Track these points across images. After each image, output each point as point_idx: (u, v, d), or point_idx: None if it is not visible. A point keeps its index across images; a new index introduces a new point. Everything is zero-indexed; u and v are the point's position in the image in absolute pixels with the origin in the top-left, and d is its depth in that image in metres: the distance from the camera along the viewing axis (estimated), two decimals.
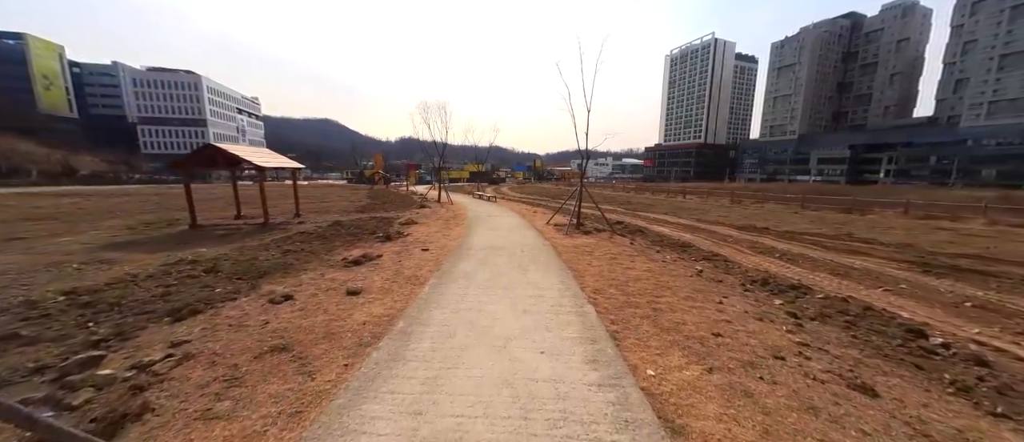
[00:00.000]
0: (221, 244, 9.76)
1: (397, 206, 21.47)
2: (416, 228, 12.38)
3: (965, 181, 71.24)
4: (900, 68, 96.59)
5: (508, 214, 17.19)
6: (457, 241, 9.81)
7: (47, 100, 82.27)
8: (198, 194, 15.30)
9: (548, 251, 8.70)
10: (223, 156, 12.24)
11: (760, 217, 18.88)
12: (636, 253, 8.85)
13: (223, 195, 27.93)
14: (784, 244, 11.11)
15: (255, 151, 13.83)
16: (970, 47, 78.94)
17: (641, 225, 14.57)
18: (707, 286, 6.19)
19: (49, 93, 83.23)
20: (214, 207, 19.63)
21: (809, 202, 25.58)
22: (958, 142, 77.21)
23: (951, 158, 77.42)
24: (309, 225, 13.16)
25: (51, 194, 28.27)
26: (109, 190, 35.24)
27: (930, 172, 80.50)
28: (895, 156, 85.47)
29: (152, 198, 25.70)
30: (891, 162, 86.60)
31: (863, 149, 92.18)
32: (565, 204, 15.15)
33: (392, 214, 16.73)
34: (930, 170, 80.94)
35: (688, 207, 25.09)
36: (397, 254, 8.14)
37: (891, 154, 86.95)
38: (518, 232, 11.54)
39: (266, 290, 5.54)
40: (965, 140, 76.30)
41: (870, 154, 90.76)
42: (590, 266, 7.33)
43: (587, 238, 10.69)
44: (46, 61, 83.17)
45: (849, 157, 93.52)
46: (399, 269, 6.85)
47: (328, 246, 9.10)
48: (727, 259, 8.63)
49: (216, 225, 13.48)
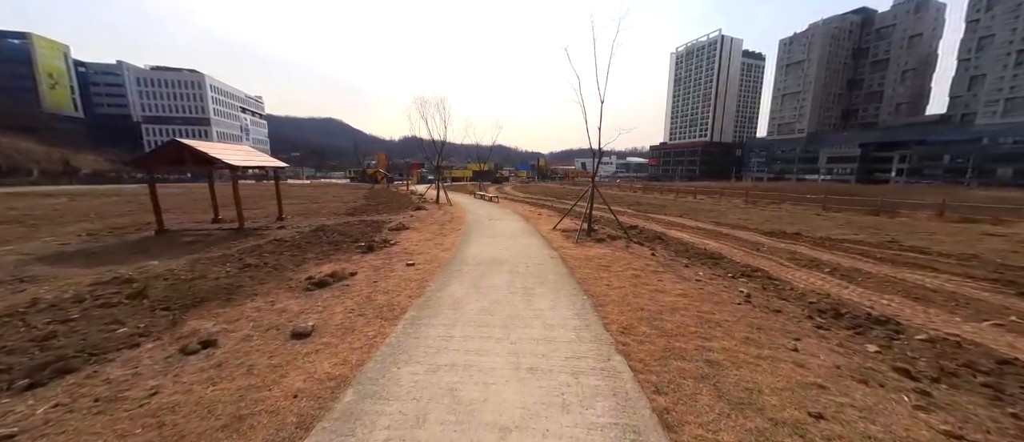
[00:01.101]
0: (179, 254, 8.45)
1: (392, 207, 20.13)
2: (406, 234, 11.02)
3: (980, 180, 69.31)
4: (912, 65, 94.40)
5: (510, 217, 15.81)
6: (450, 252, 8.44)
7: (52, 99, 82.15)
8: (194, 194, 14.09)
9: (557, 266, 7.31)
10: (191, 153, 10.92)
11: (784, 220, 17.40)
12: (661, 268, 7.45)
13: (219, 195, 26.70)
14: (826, 254, 9.67)
15: (228, 148, 12.51)
16: (986, 43, 76.81)
17: (657, 230, 13.16)
18: (765, 319, 4.79)
19: (54, 92, 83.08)
20: (198, 209, 18.36)
21: (830, 203, 24.04)
22: (973, 140, 75.11)
23: (966, 157, 75.40)
24: (289, 230, 11.84)
25: (39, 194, 27.16)
26: (104, 190, 34.06)
27: (944, 171, 78.42)
28: (908, 155, 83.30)
29: (142, 198, 24.49)
30: (903, 161, 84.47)
31: (874, 148, 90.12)
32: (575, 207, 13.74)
33: (384, 217, 15.39)
34: (944, 169, 78.85)
35: (702, 208, 23.61)
36: (375, 271, 6.77)
37: (903, 153, 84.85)
38: (521, 240, 10.16)
39: (188, 330, 4.18)
40: (980, 138, 74.21)
41: (881, 153, 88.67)
42: (610, 288, 5.94)
43: (601, 248, 9.29)
44: (51, 60, 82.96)
45: (859, 156, 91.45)
46: (372, 294, 5.48)
47: (298, 258, 7.75)
48: (770, 275, 7.22)
49: (187, 230, 12.19)
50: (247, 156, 12.99)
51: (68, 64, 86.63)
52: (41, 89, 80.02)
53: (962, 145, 76.52)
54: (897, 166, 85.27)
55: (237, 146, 13.71)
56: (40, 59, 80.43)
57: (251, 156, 13.17)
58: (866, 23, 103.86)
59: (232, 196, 11.75)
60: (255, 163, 12.96)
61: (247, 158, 12.65)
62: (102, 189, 34.56)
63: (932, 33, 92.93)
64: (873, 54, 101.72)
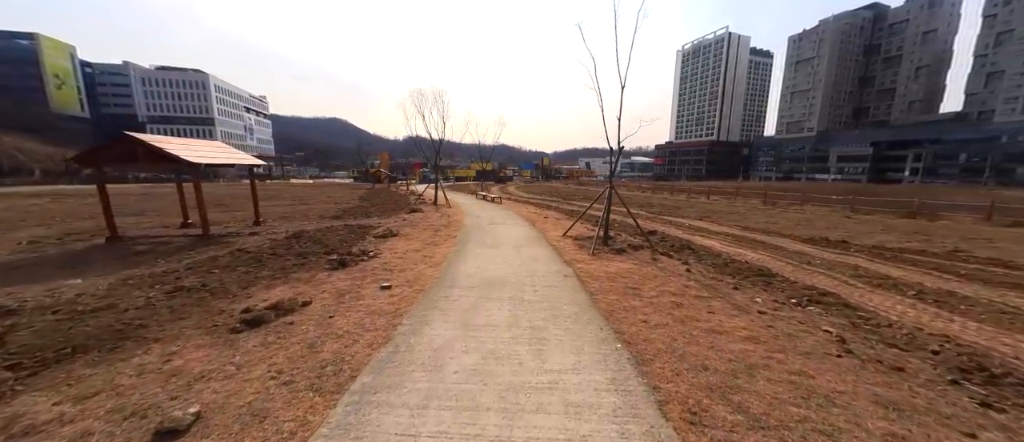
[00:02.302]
0: (114, 270, 6.96)
1: (386, 209, 18.61)
2: (393, 243, 9.47)
3: (998, 180, 67.16)
4: (926, 61, 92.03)
5: (514, 220, 14.24)
6: (439, 268, 6.87)
7: (58, 99, 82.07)
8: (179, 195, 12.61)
9: (574, 289, 5.74)
10: (145, 149, 9.41)
11: (815, 224, 15.73)
12: (704, 290, 5.86)
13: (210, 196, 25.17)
14: (894, 268, 8.04)
15: (194, 144, 11.02)
16: (1004, 38, 74.46)
17: (681, 237, 11.55)
18: (893, 388, 3.19)
19: (60, 93, 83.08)
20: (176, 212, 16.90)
21: (857, 204, 22.31)
22: (991, 139, 72.88)
23: (983, 156, 73.13)
24: (260, 238, 10.32)
25: (26, 194, 25.84)
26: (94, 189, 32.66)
27: (960, 170, 76.17)
28: (922, 154, 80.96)
29: (128, 199, 23.12)
30: (918, 160, 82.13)
31: (886, 146, 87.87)
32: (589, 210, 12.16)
33: (372, 221, 13.85)
34: (960, 168, 76.57)
35: (719, 210, 21.95)
36: (338, 298, 5.22)
37: (917, 152, 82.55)
38: (527, 250, 8.58)
39: (6, 415, 2.65)
40: (999, 136, 71.94)
41: (894, 152, 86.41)
42: (649, 326, 4.36)
43: (622, 260, 7.70)
44: (58, 61, 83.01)
45: (871, 155, 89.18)
46: (320, 338, 3.93)
47: (249, 278, 6.22)
48: (847, 303, 5.62)
49: (145, 238, 10.70)
50: (216, 153, 11.49)
51: (74, 64, 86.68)
52: (48, 89, 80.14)
53: (979, 144, 74.26)
54: (911, 165, 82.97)
55: (207, 142, 12.23)
56: (47, 59, 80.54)
57: (220, 153, 11.67)
58: (878, 19, 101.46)
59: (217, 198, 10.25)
60: (225, 161, 11.46)
61: (214, 155, 11.14)
62: (92, 189, 33.14)
63: (947, 28, 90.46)
64: (885, 50, 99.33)
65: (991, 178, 69.15)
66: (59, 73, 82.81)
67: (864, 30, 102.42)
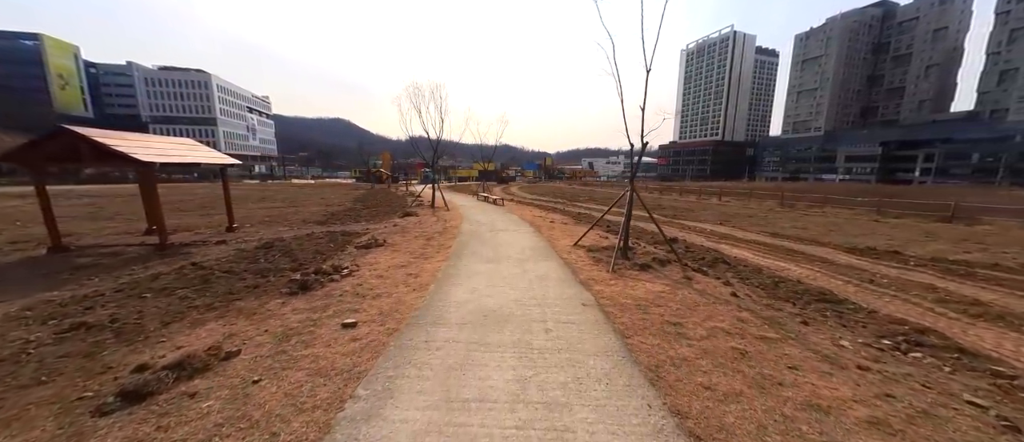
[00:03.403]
0: (32, 290, 5.66)
1: (379, 212, 17.28)
2: (376, 255, 8.10)
3: (1012, 180, 65.41)
4: (936, 59, 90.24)
5: (517, 226, 12.86)
6: (425, 293, 5.50)
7: (62, 100, 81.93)
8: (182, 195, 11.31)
9: (598, 328, 4.36)
10: (89, 145, 8.09)
11: (847, 230, 14.31)
12: (768, 327, 4.48)
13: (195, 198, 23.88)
14: (980, 290, 6.63)
15: (151, 141, 9.67)
16: (1018, 35, 72.69)
17: (708, 246, 10.15)
18: None
19: (64, 93, 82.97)
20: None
21: (886, 206, 20.83)
22: (1005, 138, 71.05)
23: (997, 155, 71.30)
24: (227, 248, 8.99)
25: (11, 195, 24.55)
26: (91, 190, 31.25)
27: (973, 171, 74.33)
28: (933, 153, 79.13)
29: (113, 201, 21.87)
30: (928, 160, 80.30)
31: (896, 146, 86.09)
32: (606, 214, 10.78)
33: (360, 227, 12.50)
34: (973, 168, 74.76)
35: (736, 213, 20.53)
36: (280, 344, 3.85)
37: (928, 151, 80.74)
38: (533, 267, 7.20)
39: None
40: (1013, 135, 70.13)
41: (904, 152, 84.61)
42: (716, 397, 2.99)
43: (650, 280, 6.31)
44: (61, 61, 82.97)
45: (880, 155, 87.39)
46: (223, 428, 2.57)
47: (181, 307, 4.87)
48: (956, 344, 4.24)
49: (96, 247, 9.39)
50: (180, 151, 10.15)
51: (78, 65, 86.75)
52: (51, 89, 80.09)
53: (992, 143, 72.44)
54: (922, 165, 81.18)
55: (175, 140, 10.89)
56: (51, 60, 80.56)
57: (186, 151, 10.32)
58: (887, 17, 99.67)
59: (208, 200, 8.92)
60: (192, 159, 10.13)
61: (177, 153, 9.81)
62: (91, 189, 31.76)
63: (958, 26, 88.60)
64: (894, 49, 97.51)
65: (1006, 178, 67.41)
66: (63, 73, 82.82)
67: (872, 28, 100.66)
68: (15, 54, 78.45)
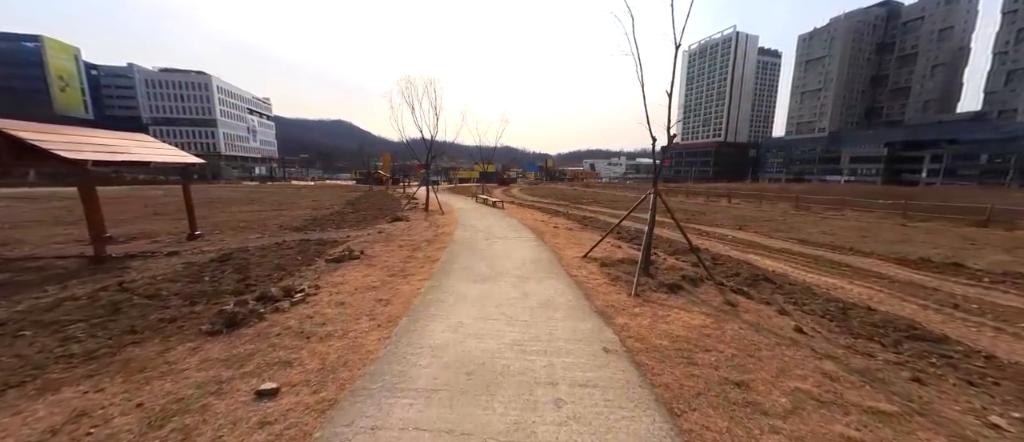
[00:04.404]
0: None
1: (367, 217, 15.95)
2: (346, 271, 6.75)
3: (1022, 182, 64.00)
4: (942, 59, 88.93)
5: (517, 233, 11.51)
6: (389, 333, 4.14)
7: (62, 101, 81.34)
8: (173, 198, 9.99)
9: (632, 395, 3.01)
10: (7, 142, 6.77)
11: (880, 236, 12.97)
12: (870, 389, 3.14)
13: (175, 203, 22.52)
14: None
15: (88, 136, 8.34)
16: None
17: (734, 255, 8.81)
18: None
19: (65, 94, 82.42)
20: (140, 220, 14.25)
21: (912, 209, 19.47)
22: (1013, 138, 69.62)
23: (1005, 156, 69.88)
24: (174, 262, 7.65)
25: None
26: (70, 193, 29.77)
27: (981, 172, 72.93)
28: (941, 154, 77.73)
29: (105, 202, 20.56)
30: (935, 161, 78.92)
31: (901, 147, 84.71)
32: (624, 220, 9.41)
33: (341, 234, 11.15)
34: (980, 169, 73.37)
35: (751, 216, 19.20)
36: (142, 437, 2.50)
37: (934, 152, 79.36)
38: (537, 288, 5.85)
39: None
40: (1021, 136, 68.65)
41: (910, 152, 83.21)
42: None
43: (684, 307, 4.96)
44: (62, 62, 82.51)
45: (886, 155, 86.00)
46: None
47: (41, 359, 3.52)
48: None
49: (22, 259, 8.07)
50: (127, 147, 8.82)
51: (79, 66, 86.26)
52: (52, 91, 79.57)
53: (1001, 143, 71.04)
54: (928, 166, 79.81)
55: (121, 135, 9.55)
56: (51, 61, 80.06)
57: (133, 148, 8.99)
58: (891, 16, 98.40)
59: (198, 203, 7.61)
60: (140, 158, 8.80)
61: (119, 151, 8.48)
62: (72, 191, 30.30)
63: (964, 25, 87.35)
64: (899, 48, 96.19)
65: (1015, 179, 66.07)
66: (63, 75, 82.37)
67: (877, 28, 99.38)
68: (16, 56, 78.13)
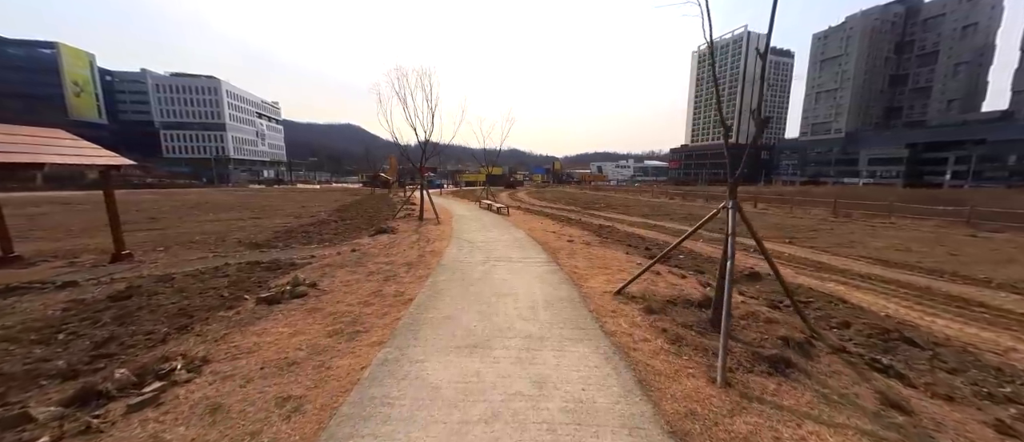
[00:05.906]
0: None
1: (353, 226, 13.92)
2: (272, 322, 4.64)
3: None
4: (966, 57, 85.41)
5: (524, 250, 9.33)
6: None
7: (77, 107, 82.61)
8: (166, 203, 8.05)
9: None
10: None
11: (966, 251, 10.60)
12: None
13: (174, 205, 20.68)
14: None
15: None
16: None
17: (815, 285, 6.59)
18: None
19: (79, 100, 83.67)
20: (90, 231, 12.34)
21: (978, 217, 17.04)
22: None
23: None
24: (54, 297, 5.61)
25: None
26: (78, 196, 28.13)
27: (1010, 173, 69.49)
28: (968, 155, 74.30)
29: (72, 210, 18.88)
30: (960, 162, 75.49)
31: (924, 148, 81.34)
32: (683, 241, 7.21)
33: (307, 252, 9.05)
34: (1009, 171, 69.95)
35: (788, 224, 16.90)
36: None
37: (959, 153, 75.97)
38: (553, 364, 3.71)
39: None
40: None
41: (932, 153, 79.84)
42: None
43: (817, 415, 2.80)
44: (77, 69, 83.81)
45: (907, 157, 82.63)
46: None
47: None
48: None
49: None
50: (27, 144, 6.83)
51: (93, 73, 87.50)
52: (67, 97, 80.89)
53: None
54: (953, 168, 76.43)
55: (29, 129, 7.55)
56: (67, 68, 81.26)
57: (35, 146, 6.99)
58: (910, 13, 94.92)
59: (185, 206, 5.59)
60: (35, 158, 6.80)
61: (13, 150, 6.48)
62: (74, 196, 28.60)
63: (989, 21, 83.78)
64: (919, 47, 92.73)
65: None
66: (78, 81, 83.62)
67: (895, 26, 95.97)
68: (32, 62, 79.34)
